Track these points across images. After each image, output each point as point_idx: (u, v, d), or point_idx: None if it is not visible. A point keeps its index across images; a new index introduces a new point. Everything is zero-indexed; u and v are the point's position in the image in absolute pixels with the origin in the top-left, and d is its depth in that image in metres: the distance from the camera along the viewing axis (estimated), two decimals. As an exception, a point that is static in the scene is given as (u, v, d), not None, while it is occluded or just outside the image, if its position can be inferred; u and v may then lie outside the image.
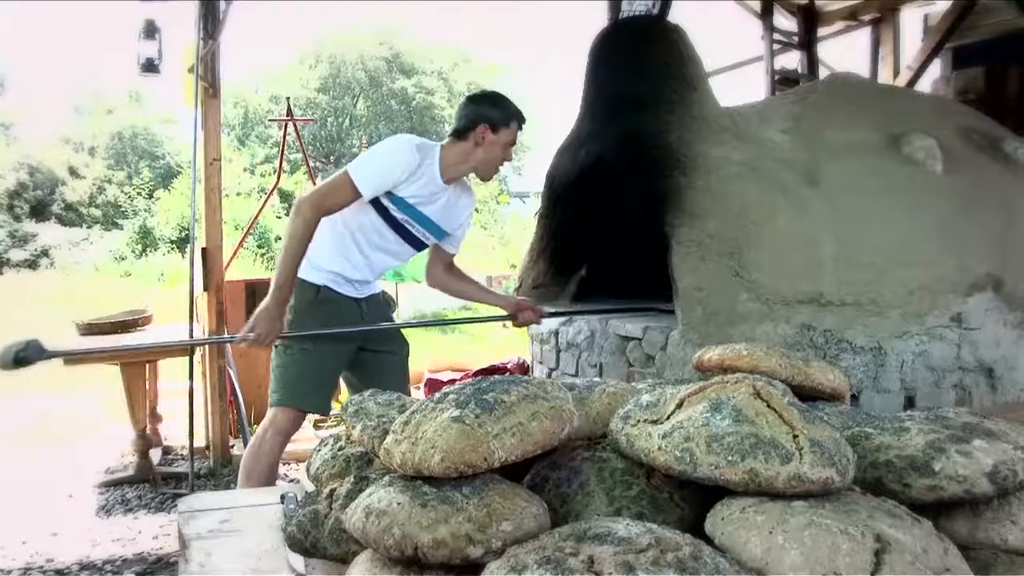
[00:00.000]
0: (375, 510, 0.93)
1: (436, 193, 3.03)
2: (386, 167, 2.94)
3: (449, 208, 3.10)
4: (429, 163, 2.97)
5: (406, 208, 3.01)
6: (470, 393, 0.99)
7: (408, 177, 2.94)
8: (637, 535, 0.78)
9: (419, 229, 3.08)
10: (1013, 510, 0.98)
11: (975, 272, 3.34)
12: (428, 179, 2.99)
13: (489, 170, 3.07)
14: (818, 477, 0.86)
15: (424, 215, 3.04)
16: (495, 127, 2.95)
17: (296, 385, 3.05)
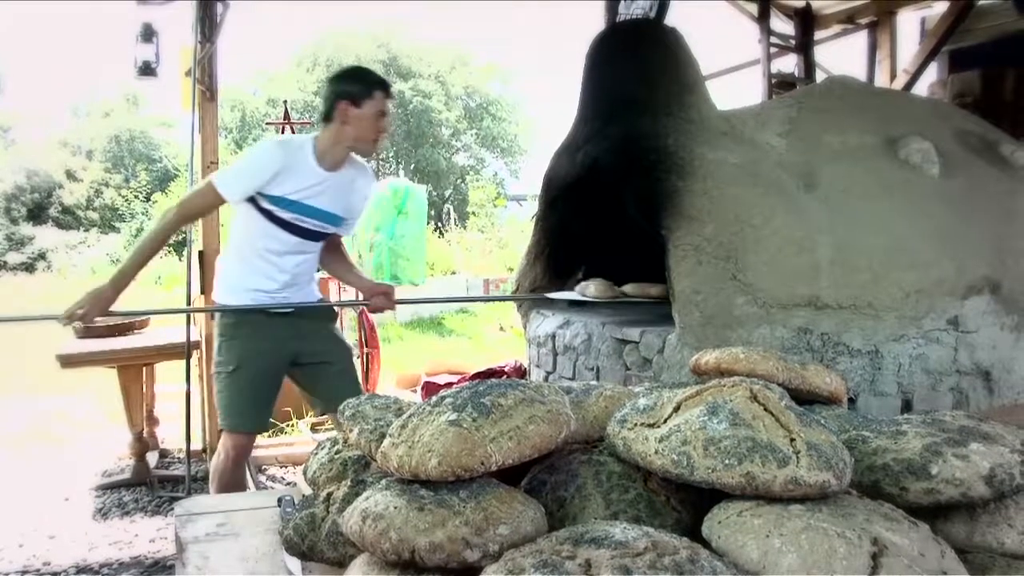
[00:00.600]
0: (372, 513, 0.93)
1: (319, 183, 2.99)
2: (247, 170, 2.98)
3: (342, 194, 3.07)
4: (301, 157, 2.96)
5: (290, 205, 2.98)
6: (467, 397, 0.99)
7: (275, 177, 2.92)
8: (634, 539, 0.78)
9: (312, 222, 3.04)
10: (1010, 513, 0.98)
11: (972, 275, 3.34)
12: (304, 172, 2.96)
13: (365, 146, 3.03)
14: (815, 480, 0.86)
15: (313, 207, 3.01)
16: (356, 101, 2.92)
17: (231, 408, 3.07)
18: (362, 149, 3.05)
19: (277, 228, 3.01)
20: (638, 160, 3.46)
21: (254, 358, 3.06)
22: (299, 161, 2.96)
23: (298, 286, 3.17)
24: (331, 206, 3.05)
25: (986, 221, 3.51)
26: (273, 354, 3.10)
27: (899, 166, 3.64)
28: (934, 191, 3.54)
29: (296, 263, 3.12)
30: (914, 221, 3.40)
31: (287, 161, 2.94)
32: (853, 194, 3.43)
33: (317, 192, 3.00)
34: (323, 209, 3.04)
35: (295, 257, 3.11)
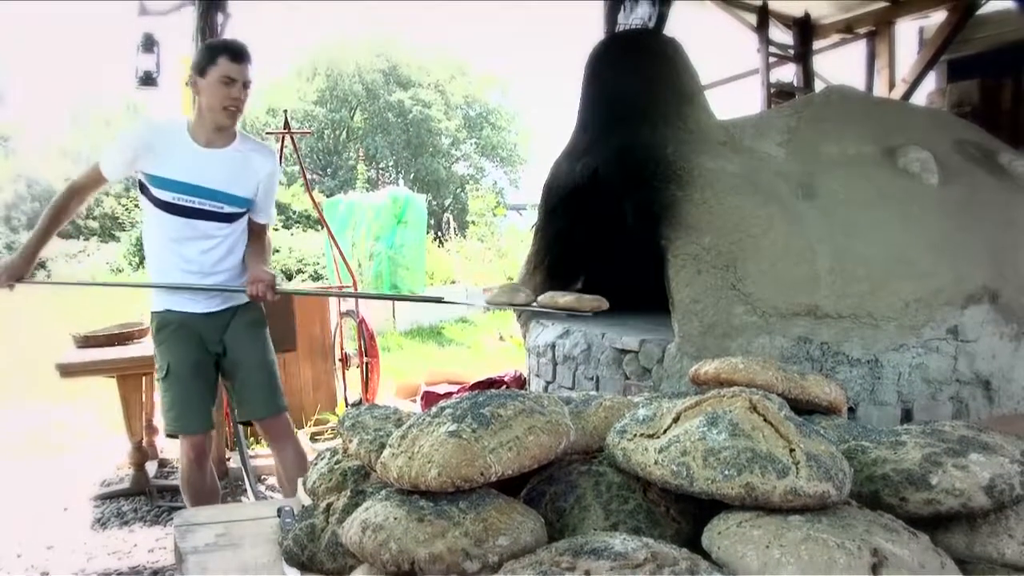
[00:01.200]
0: (372, 524, 0.92)
1: (197, 160, 2.96)
2: (118, 145, 3.03)
3: (232, 171, 3.01)
4: (175, 134, 2.96)
5: (171, 185, 2.94)
6: (467, 407, 0.99)
7: (148, 154, 2.92)
8: (634, 550, 0.77)
9: (200, 201, 2.97)
10: (1010, 524, 0.97)
11: (971, 284, 3.35)
12: (180, 149, 2.94)
13: (216, 115, 2.94)
14: (815, 491, 0.86)
15: (195, 184, 2.95)
16: (202, 71, 2.91)
17: (170, 412, 3.10)
18: (216, 120, 2.95)
19: (166, 213, 2.97)
20: (637, 169, 3.47)
21: (180, 359, 3.07)
22: (173, 138, 2.96)
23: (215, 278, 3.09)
24: (218, 183, 2.99)
25: (985, 230, 3.51)
26: (198, 353, 3.09)
27: (898, 175, 3.65)
28: (933, 200, 3.55)
29: (201, 251, 3.06)
30: (913, 230, 3.41)
31: (159, 138, 2.95)
32: (852, 203, 3.44)
33: (197, 169, 2.95)
34: (207, 187, 2.97)
35: (197, 244, 3.05)
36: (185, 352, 3.08)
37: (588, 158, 3.85)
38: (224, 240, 3.09)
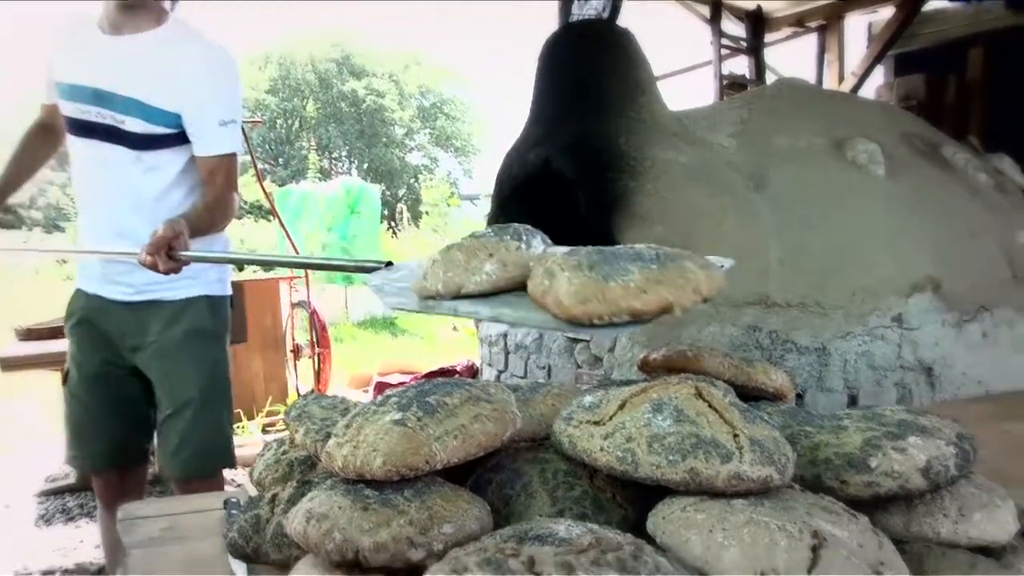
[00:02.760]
0: (316, 514, 0.91)
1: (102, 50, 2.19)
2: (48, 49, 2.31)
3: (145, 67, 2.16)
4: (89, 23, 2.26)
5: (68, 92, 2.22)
6: (412, 396, 0.98)
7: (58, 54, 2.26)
8: (578, 535, 0.78)
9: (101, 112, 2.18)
10: (945, 504, 1.00)
11: (915, 274, 3.41)
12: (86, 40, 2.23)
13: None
14: (758, 476, 0.87)
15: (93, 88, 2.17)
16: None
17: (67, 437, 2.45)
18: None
19: (71, 136, 2.28)
20: (590, 160, 3.48)
21: (79, 365, 2.39)
22: (83, 29, 2.25)
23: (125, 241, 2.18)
24: (121, 85, 2.15)
25: (928, 221, 3.59)
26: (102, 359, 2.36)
27: (846, 167, 3.70)
28: (880, 192, 3.61)
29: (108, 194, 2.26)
30: (861, 221, 3.46)
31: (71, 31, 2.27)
32: (802, 195, 3.49)
33: (95, 64, 2.18)
34: (104, 89, 2.16)
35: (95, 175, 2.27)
36: (86, 356, 2.36)
37: (541, 148, 3.85)
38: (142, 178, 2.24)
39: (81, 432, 2.42)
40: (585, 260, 1.12)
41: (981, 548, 0.99)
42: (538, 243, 1.24)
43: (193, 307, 2.35)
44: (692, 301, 1.06)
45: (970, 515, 0.99)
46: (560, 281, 1.09)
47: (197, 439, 2.34)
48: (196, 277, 2.32)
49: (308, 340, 6.33)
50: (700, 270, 1.11)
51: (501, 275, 1.16)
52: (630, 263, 1.08)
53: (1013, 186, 4.45)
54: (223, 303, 2.45)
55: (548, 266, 1.16)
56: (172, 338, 2.32)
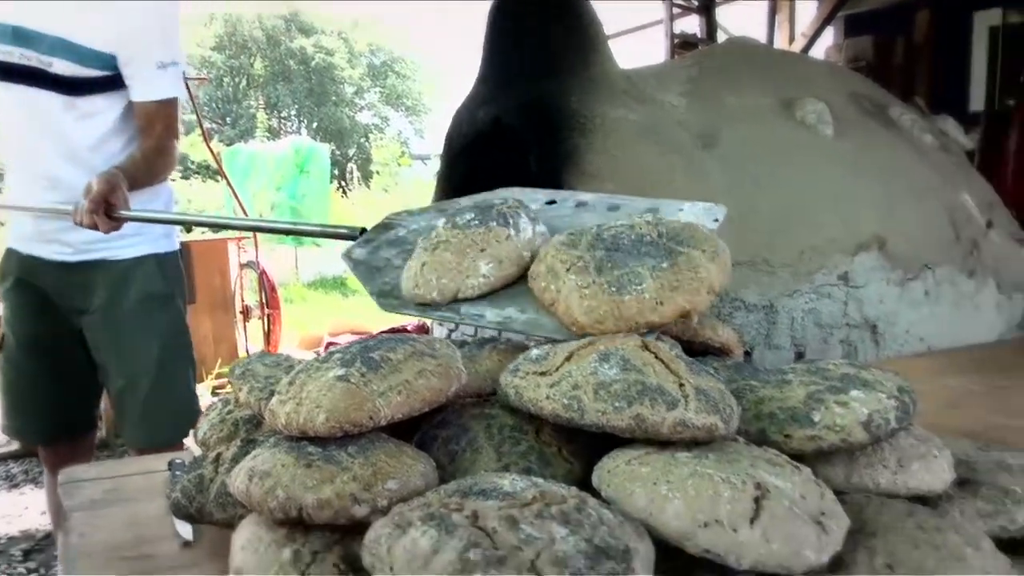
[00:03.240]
0: (258, 472, 0.90)
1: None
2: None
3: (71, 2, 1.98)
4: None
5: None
6: (356, 352, 0.97)
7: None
8: (522, 489, 0.77)
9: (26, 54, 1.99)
10: (885, 455, 1.01)
11: (862, 233, 3.46)
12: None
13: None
14: (703, 423, 0.88)
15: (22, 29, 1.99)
16: None
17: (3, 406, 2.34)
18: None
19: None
20: (539, 118, 3.46)
21: (16, 330, 2.24)
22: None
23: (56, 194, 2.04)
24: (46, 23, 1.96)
25: (875, 181, 3.63)
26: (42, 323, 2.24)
27: (795, 127, 3.73)
28: (828, 151, 3.64)
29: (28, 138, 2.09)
30: (809, 181, 3.49)
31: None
32: (751, 154, 3.50)
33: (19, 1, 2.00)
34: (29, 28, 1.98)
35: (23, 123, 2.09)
36: (23, 321, 2.22)
37: (491, 106, 3.82)
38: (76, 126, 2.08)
39: (22, 402, 2.29)
40: (590, 259, 1.11)
41: (919, 497, 1.01)
42: (525, 224, 1.23)
43: (142, 268, 2.22)
44: (708, 303, 1.08)
45: (909, 466, 1.01)
46: (568, 288, 1.08)
47: (159, 410, 2.24)
48: (142, 234, 2.20)
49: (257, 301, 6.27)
50: (710, 263, 1.10)
51: (498, 275, 1.17)
52: (639, 263, 1.08)
53: (957, 147, 4.52)
54: (173, 260, 2.34)
55: (550, 263, 1.14)
56: (121, 305, 2.19)
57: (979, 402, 2.03)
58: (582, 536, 0.71)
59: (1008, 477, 1.10)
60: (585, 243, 1.14)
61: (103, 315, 2.20)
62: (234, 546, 0.94)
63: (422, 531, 0.72)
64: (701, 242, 1.13)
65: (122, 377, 2.23)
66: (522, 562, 0.67)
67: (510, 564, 0.66)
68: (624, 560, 0.70)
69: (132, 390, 2.23)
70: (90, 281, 2.20)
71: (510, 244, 1.18)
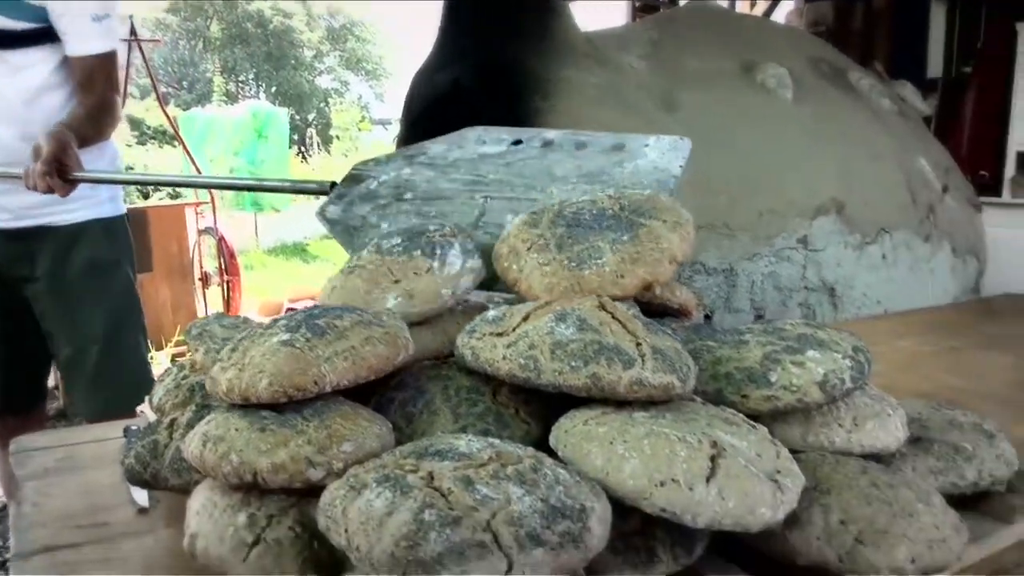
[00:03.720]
0: (212, 437, 0.89)
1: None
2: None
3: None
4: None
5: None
6: (301, 319, 0.95)
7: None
8: (478, 450, 0.77)
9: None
10: (840, 415, 1.02)
11: (820, 196, 3.48)
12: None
13: None
14: (660, 382, 0.88)
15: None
16: None
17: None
18: None
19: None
20: (499, 80, 3.43)
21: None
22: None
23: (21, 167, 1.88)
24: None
25: (834, 145, 3.66)
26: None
27: (756, 91, 3.73)
28: (787, 115, 3.65)
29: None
30: (768, 145, 3.51)
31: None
32: (711, 117, 3.50)
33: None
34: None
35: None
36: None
37: (450, 69, 3.77)
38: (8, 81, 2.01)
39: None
40: (551, 236, 1.10)
41: (873, 455, 1.02)
42: (455, 257, 1.14)
43: (87, 234, 2.16)
44: (670, 273, 1.07)
45: (863, 425, 1.02)
46: (530, 267, 1.07)
47: (109, 378, 2.18)
48: (86, 197, 2.12)
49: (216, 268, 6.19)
50: (672, 233, 1.10)
51: (406, 310, 1.08)
52: (600, 238, 1.07)
53: (914, 112, 4.56)
54: (120, 224, 2.28)
55: (512, 244, 1.13)
56: (67, 272, 2.13)
57: (932, 363, 2.07)
58: (538, 496, 0.70)
59: (959, 435, 1.12)
60: (546, 221, 1.14)
61: (48, 283, 2.14)
62: (189, 511, 0.93)
63: (377, 493, 0.71)
64: (663, 212, 1.13)
65: (70, 346, 2.18)
66: (477, 522, 0.66)
67: (465, 525, 0.66)
68: (580, 519, 0.70)
69: (81, 359, 2.17)
70: (34, 249, 2.13)
71: (428, 278, 1.10)
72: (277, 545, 0.83)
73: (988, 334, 2.41)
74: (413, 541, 0.65)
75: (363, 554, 0.68)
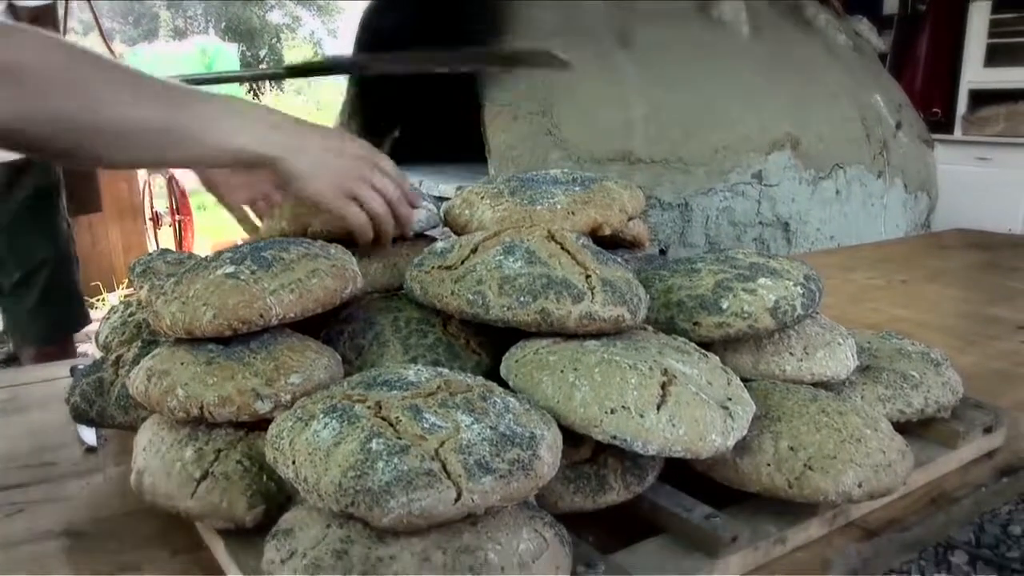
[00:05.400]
0: (157, 371, 0.87)
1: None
2: None
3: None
4: None
5: None
6: (246, 252, 0.92)
7: None
8: (427, 380, 0.76)
9: None
10: (791, 343, 1.03)
11: (775, 132, 3.49)
12: None
13: None
14: (609, 315, 0.87)
15: None
16: None
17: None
18: None
19: None
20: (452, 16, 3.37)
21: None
22: None
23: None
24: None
25: (789, 80, 3.65)
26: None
27: (711, 26, 3.71)
28: (743, 51, 3.64)
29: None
30: (724, 80, 3.49)
31: None
32: (667, 52, 3.48)
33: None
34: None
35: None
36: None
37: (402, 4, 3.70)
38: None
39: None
40: (504, 187, 1.10)
41: (823, 383, 1.04)
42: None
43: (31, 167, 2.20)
44: (620, 220, 1.07)
45: (814, 353, 1.03)
46: (482, 209, 1.06)
47: (57, 298, 2.29)
48: None
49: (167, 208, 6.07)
50: (623, 190, 1.11)
51: None
52: (552, 186, 1.08)
53: (869, 48, 4.56)
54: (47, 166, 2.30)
55: (465, 196, 1.12)
56: (16, 201, 2.18)
57: (882, 295, 2.10)
58: (487, 424, 0.70)
59: (907, 363, 1.13)
60: (500, 180, 1.15)
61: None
62: (136, 448, 0.91)
63: (324, 423, 0.70)
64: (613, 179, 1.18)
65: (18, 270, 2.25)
66: (425, 451, 0.66)
67: (413, 454, 0.65)
68: (530, 447, 0.69)
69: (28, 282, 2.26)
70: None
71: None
72: (225, 479, 0.82)
73: (937, 268, 2.45)
74: (360, 471, 0.64)
75: (311, 485, 0.67)
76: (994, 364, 1.56)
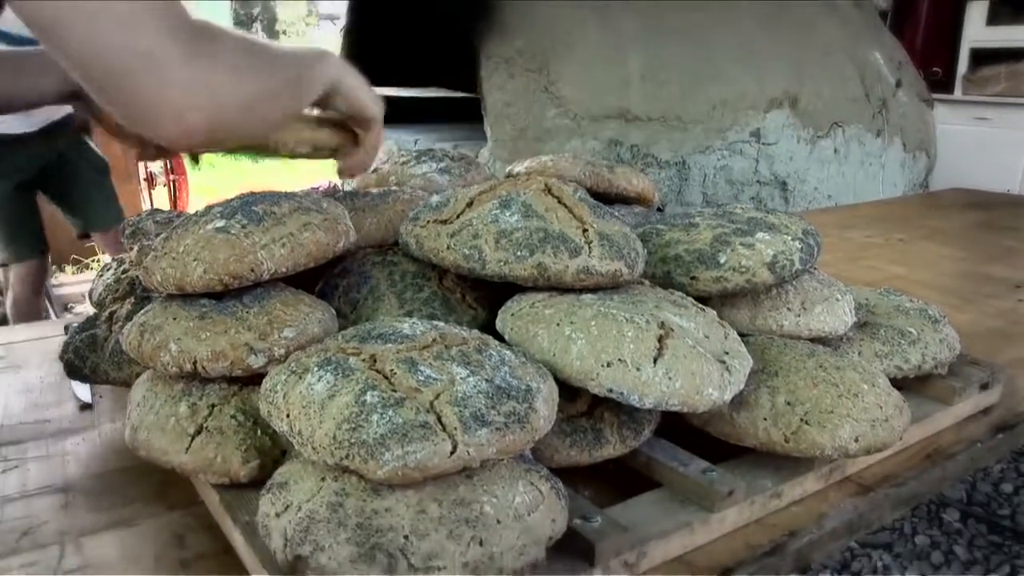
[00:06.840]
0: (150, 326, 0.86)
1: None
2: None
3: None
4: None
5: None
6: (237, 206, 0.90)
7: None
8: (422, 333, 0.75)
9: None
10: (789, 298, 1.02)
11: (774, 90, 3.46)
12: None
13: None
14: (606, 270, 0.86)
15: None
16: None
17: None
18: None
19: None
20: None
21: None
22: None
23: None
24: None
25: (788, 38, 3.61)
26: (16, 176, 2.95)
27: (710, -20, 3.65)
28: (741, 7, 3.59)
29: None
30: (722, 37, 3.45)
31: None
32: (664, 9, 3.43)
33: None
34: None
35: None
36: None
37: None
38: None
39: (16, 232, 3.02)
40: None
41: (821, 339, 1.03)
42: None
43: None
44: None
45: (812, 309, 1.03)
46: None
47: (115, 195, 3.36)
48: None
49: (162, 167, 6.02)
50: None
51: None
52: None
53: (870, 5, 4.51)
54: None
55: None
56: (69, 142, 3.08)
57: (879, 253, 2.09)
58: (483, 377, 0.69)
59: (904, 320, 1.13)
60: None
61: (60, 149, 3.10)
62: (130, 404, 0.91)
63: (318, 376, 0.69)
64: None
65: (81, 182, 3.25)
66: (420, 404, 0.65)
67: (408, 406, 0.64)
68: (526, 400, 0.69)
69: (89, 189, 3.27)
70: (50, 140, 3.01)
71: None
72: (219, 433, 0.82)
73: (935, 227, 2.44)
74: (355, 424, 0.63)
75: (305, 438, 0.66)
76: (991, 322, 1.56)
